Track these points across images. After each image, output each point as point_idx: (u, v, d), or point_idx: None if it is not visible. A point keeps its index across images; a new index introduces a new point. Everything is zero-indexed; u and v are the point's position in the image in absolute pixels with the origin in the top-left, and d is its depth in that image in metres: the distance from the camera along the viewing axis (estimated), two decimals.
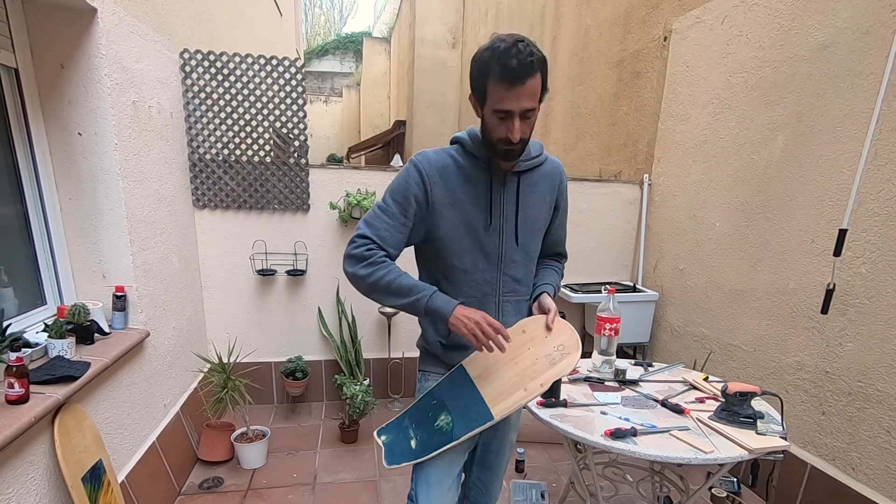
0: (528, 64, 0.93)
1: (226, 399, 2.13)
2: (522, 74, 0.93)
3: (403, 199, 1.07)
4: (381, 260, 1.05)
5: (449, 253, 1.11)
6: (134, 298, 1.81)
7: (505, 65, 0.93)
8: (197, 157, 2.42)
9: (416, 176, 1.07)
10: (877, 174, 1.68)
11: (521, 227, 1.13)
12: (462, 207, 1.09)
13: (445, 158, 1.10)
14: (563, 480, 2.21)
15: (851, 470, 1.77)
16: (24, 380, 1.22)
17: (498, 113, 0.98)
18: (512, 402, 1.06)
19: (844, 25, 1.79)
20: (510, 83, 0.94)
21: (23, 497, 1.21)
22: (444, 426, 1.09)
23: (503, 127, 0.99)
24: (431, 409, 1.13)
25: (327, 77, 13.29)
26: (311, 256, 2.69)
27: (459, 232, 1.10)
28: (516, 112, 0.96)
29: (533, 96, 0.96)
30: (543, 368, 1.07)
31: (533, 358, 1.09)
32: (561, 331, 1.12)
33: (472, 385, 1.11)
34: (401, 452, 1.13)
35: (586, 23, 3.71)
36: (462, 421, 1.08)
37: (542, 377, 1.06)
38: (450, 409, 1.10)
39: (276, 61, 2.43)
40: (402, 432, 1.14)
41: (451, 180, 1.08)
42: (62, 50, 1.58)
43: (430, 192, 1.07)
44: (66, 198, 1.69)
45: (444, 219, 1.08)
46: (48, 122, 1.63)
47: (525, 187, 1.13)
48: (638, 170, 3.02)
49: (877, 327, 1.68)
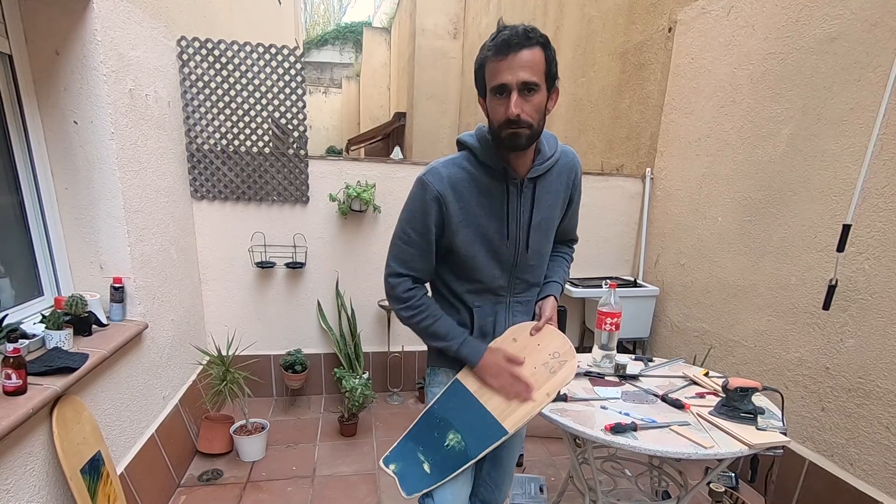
0: (523, 34, 0.89)
1: (225, 392, 2.13)
2: (515, 44, 0.89)
3: (422, 225, 1.05)
4: (418, 304, 1.10)
5: (465, 268, 1.11)
6: (132, 290, 1.80)
7: (497, 38, 0.91)
8: (195, 148, 2.40)
9: (432, 203, 1.03)
10: (882, 169, 1.66)
11: (534, 232, 1.11)
12: (478, 221, 1.06)
13: (457, 172, 1.04)
14: (562, 474, 2.21)
15: (850, 466, 1.77)
16: (22, 371, 1.21)
17: (495, 92, 0.94)
18: (522, 414, 1.05)
19: (852, 17, 1.76)
20: (503, 54, 0.90)
21: (21, 488, 1.21)
22: (457, 446, 1.07)
23: (502, 107, 0.93)
24: (437, 429, 1.11)
25: (326, 68, 13.17)
26: (311, 249, 2.68)
27: (477, 247, 1.08)
28: (513, 85, 0.91)
29: (531, 68, 0.90)
30: (544, 377, 1.07)
31: (531, 368, 1.09)
32: (551, 338, 1.12)
33: (474, 399, 1.09)
34: (417, 479, 1.10)
35: (589, 13, 3.66)
36: (473, 438, 1.07)
37: (546, 387, 1.06)
38: (457, 428, 1.09)
39: (274, 50, 2.39)
40: (411, 457, 1.11)
41: (466, 195, 1.04)
42: (57, 36, 1.55)
43: (446, 211, 1.03)
44: (63, 187, 1.67)
45: (461, 235, 1.06)
46: (43, 110, 1.60)
47: (541, 191, 1.09)
48: (640, 164, 3.00)
49: (878, 323, 1.67)
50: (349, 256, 2.75)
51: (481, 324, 1.15)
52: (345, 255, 2.75)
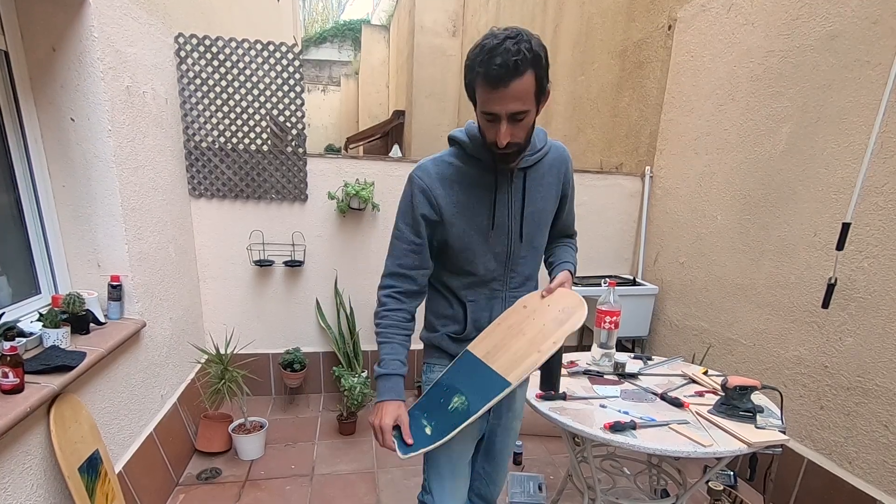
0: (513, 65, 0.86)
1: (223, 390, 2.12)
2: (506, 77, 0.87)
3: (413, 220, 1.07)
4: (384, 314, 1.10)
5: (461, 260, 1.11)
6: (130, 288, 1.79)
7: (488, 66, 0.87)
8: (193, 145, 2.39)
9: (419, 194, 1.05)
10: (882, 167, 1.66)
11: (527, 223, 1.12)
12: (469, 214, 1.07)
13: (445, 167, 1.07)
14: (561, 473, 2.21)
15: (848, 464, 1.77)
16: (19, 369, 1.20)
17: (485, 115, 0.95)
18: (527, 365, 1.03)
19: (853, 14, 1.76)
20: (493, 86, 0.89)
21: (19, 487, 1.20)
22: (460, 406, 1.07)
23: (492, 131, 0.96)
24: (443, 396, 1.11)
25: (325, 65, 13.12)
26: (309, 247, 2.67)
27: (469, 239, 1.08)
28: (502, 115, 0.92)
29: (520, 99, 0.90)
30: (553, 330, 1.05)
31: (539, 325, 1.07)
32: (561, 297, 1.10)
33: (482, 364, 1.08)
34: (416, 441, 1.09)
35: (589, 11, 3.65)
36: (477, 397, 1.06)
37: (553, 336, 1.04)
38: (462, 391, 1.08)
39: (273, 47, 2.38)
40: (415, 423, 1.11)
41: (455, 188, 1.06)
42: (53, 32, 1.54)
43: (437, 204, 1.05)
44: (60, 185, 1.66)
45: (453, 228, 1.07)
46: (40, 107, 1.59)
47: (532, 182, 1.10)
48: (640, 162, 2.99)
49: (877, 322, 1.67)
50: (348, 254, 2.75)
51: (475, 318, 1.15)
52: (343, 254, 2.74)
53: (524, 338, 1.08)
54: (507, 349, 1.08)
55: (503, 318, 1.12)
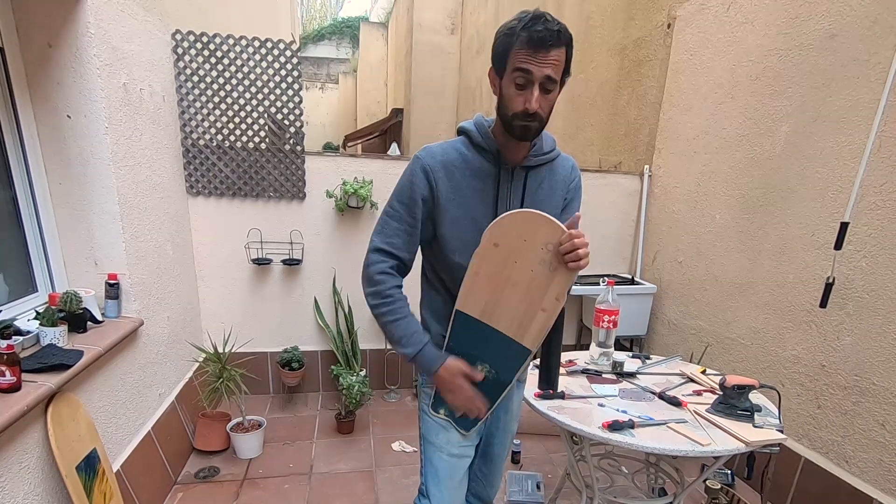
0: (555, 33, 0.91)
1: (221, 389, 2.12)
2: (548, 41, 0.91)
3: (409, 199, 1.06)
4: (388, 293, 1.08)
5: (451, 250, 1.08)
6: (127, 286, 1.78)
7: (532, 31, 0.91)
8: (190, 143, 2.38)
9: (420, 173, 1.05)
10: (880, 166, 1.66)
11: None
12: (467, 202, 1.06)
13: (451, 152, 1.06)
14: (559, 471, 2.22)
15: (845, 463, 1.78)
16: (16, 368, 1.20)
17: (517, 78, 0.94)
18: (538, 328, 1.03)
19: (852, 14, 1.76)
20: (535, 49, 0.91)
21: (16, 486, 1.20)
22: (489, 374, 1.07)
23: (521, 98, 0.95)
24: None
25: (323, 63, 13.07)
26: (308, 246, 2.66)
27: (464, 227, 1.07)
28: (537, 77, 0.93)
29: (556, 67, 0.93)
30: (546, 278, 0.98)
31: (527, 270, 0.99)
32: (536, 226, 0.97)
33: (484, 326, 1.05)
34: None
35: (588, 9, 3.65)
36: (501, 363, 1.06)
37: (551, 289, 0.99)
38: (482, 358, 1.07)
39: (270, 44, 2.37)
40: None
41: (457, 175, 1.05)
42: (49, 29, 1.52)
43: (436, 187, 1.04)
44: (56, 183, 1.65)
45: (448, 214, 1.06)
46: (36, 104, 1.58)
47: (532, 182, 1.09)
48: (638, 161, 2.99)
49: (875, 321, 1.68)
50: (346, 253, 2.74)
51: None
52: (342, 252, 2.74)
53: (517, 290, 1.00)
54: (503, 305, 1.02)
55: (478, 266, 1.02)
